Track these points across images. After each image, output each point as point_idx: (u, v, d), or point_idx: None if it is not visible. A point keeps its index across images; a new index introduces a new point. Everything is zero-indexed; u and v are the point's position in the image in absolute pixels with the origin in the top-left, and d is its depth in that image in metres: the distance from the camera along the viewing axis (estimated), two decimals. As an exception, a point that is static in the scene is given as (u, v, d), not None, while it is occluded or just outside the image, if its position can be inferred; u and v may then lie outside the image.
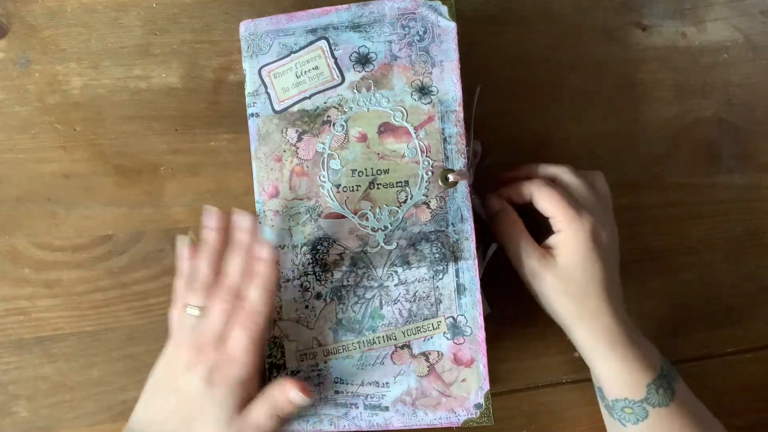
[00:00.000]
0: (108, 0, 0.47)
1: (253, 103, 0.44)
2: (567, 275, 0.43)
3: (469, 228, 0.43)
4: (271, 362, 0.43)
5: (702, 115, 0.54)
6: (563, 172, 0.46)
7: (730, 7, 0.55)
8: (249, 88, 0.44)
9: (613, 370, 0.44)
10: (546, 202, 0.44)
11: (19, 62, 0.46)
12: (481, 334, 0.43)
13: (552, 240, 0.44)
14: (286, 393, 0.39)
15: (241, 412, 0.39)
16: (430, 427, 0.43)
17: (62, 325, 0.46)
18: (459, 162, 0.43)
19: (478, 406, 0.43)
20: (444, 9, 0.43)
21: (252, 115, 0.44)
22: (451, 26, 0.43)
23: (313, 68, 0.43)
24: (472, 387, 0.43)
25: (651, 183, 0.53)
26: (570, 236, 0.43)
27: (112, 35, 0.47)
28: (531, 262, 0.44)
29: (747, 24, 0.55)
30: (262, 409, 0.39)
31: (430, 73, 0.43)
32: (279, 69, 0.44)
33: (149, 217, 0.47)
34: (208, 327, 0.39)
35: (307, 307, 0.43)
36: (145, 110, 0.47)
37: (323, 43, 0.43)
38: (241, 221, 0.41)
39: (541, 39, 0.52)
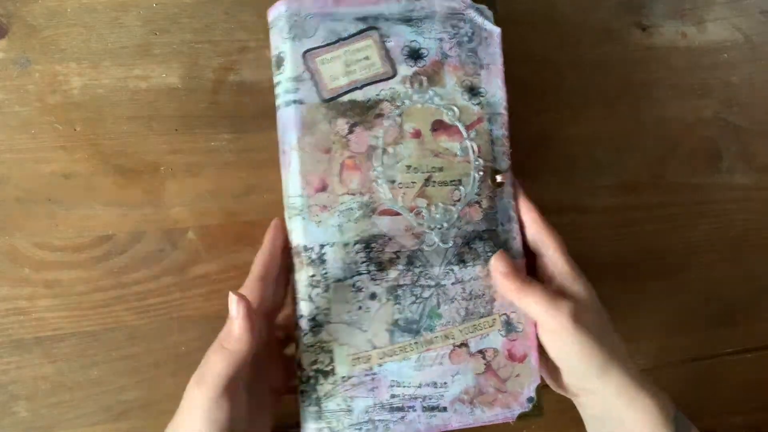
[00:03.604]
0: (108, 0, 0.47)
1: (296, 89, 0.41)
2: (589, 309, 0.41)
3: (515, 227, 0.43)
4: (317, 369, 0.40)
5: (702, 115, 0.54)
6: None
7: (730, 7, 0.55)
8: (290, 72, 0.41)
9: (637, 419, 0.40)
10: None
11: (19, 62, 0.46)
12: (531, 330, 0.43)
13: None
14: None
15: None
16: (486, 424, 0.42)
17: (62, 325, 0.46)
18: (504, 164, 0.43)
19: (530, 399, 0.43)
20: (490, 13, 0.43)
21: (293, 102, 0.41)
22: (496, 31, 0.43)
23: (364, 58, 0.42)
24: (525, 381, 0.43)
25: (651, 183, 0.53)
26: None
27: (112, 35, 0.47)
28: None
29: (747, 24, 0.55)
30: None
31: (479, 74, 0.43)
32: (327, 55, 0.42)
33: (149, 217, 0.47)
34: None
35: (360, 308, 0.41)
36: (145, 110, 0.47)
37: (374, 34, 0.42)
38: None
39: (542, 39, 0.52)
